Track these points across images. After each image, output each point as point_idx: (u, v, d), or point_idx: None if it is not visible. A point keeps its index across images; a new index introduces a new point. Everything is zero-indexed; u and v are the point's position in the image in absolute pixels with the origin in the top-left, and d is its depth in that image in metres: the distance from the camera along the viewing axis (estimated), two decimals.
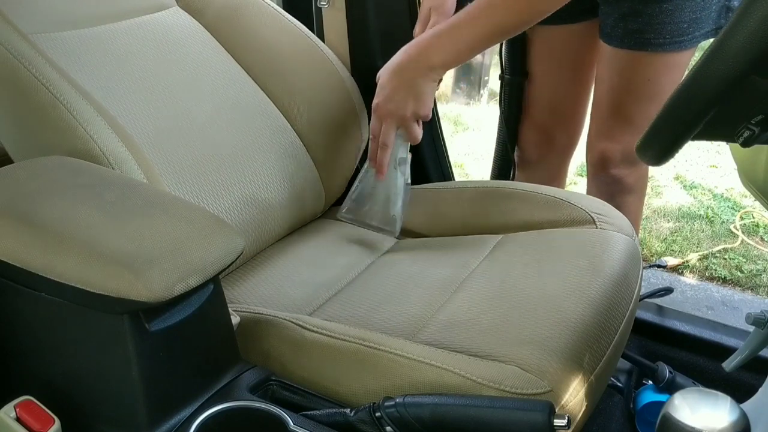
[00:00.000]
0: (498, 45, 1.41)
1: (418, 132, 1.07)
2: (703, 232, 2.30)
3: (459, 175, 2.63)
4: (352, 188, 1.14)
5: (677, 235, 2.26)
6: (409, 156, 1.11)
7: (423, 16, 1.15)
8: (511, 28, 1.02)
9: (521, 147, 1.51)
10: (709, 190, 2.59)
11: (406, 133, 1.08)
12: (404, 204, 1.11)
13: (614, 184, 1.35)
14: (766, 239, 2.26)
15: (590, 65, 1.39)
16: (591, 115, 1.36)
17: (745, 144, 0.63)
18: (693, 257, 2.14)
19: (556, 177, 1.53)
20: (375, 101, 1.06)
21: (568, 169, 1.58)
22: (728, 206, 2.46)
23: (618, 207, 1.25)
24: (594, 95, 1.34)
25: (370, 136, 1.10)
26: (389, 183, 1.10)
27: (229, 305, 0.80)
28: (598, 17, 1.28)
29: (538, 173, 1.50)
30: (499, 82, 1.46)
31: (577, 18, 1.32)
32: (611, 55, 1.25)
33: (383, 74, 1.06)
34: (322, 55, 1.22)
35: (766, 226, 2.31)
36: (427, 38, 1.03)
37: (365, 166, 1.13)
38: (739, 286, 2.03)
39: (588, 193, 1.43)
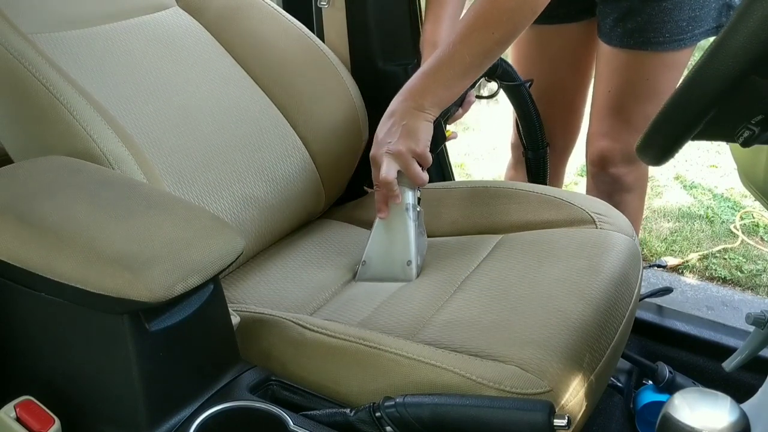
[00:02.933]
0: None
1: (419, 172, 1.00)
2: (703, 232, 2.30)
3: (459, 175, 2.63)
4: (365, 251, 1.05)
5: (677, 235, 2.26)
6: (420, 210, 1.05)
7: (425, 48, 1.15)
8: (491, 51, 0.98)
9: (517, 147, 1.51)
10: (709, 190, 2.59)
11: (408, 178, 1.01)
12: (419, 251, 1.03)
13: (614, 183, 1.35)
14: (766, 239, 2.26)
15: (588, 65, 1.39)
16: (590, 114, 1.36)
17: (745, 144, 0.63)
18: (693, 257, 2.14)
19: (554, 176, 1.53)
20: (372, 152, 1.01)
21: (565, 170, 1.58)
22: (728, 206, 2.46)
23: (618, 206, 1.25)
24: (593, 94, 1.34)
25: (375, 187, 1.03)
26: (400, 230, 1.03)
27: (229, 305, 0.80)
28: (595, 17, 1.28)
29: None
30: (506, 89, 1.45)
31: (575, 18, 1.32)
32: (610, 54, 1.25)
33: (379, 125, 1.02)
34: (322, 55, 1.22)
35: (766, 226, 2.31)
36: (414, 82, 1.00)
37: (374, 224, 1.05)
38: (739, 286, 2.03)
39: (588, 192, 1.43)
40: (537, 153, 1.33)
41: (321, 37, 1.32)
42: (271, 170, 1.11)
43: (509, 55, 1.43)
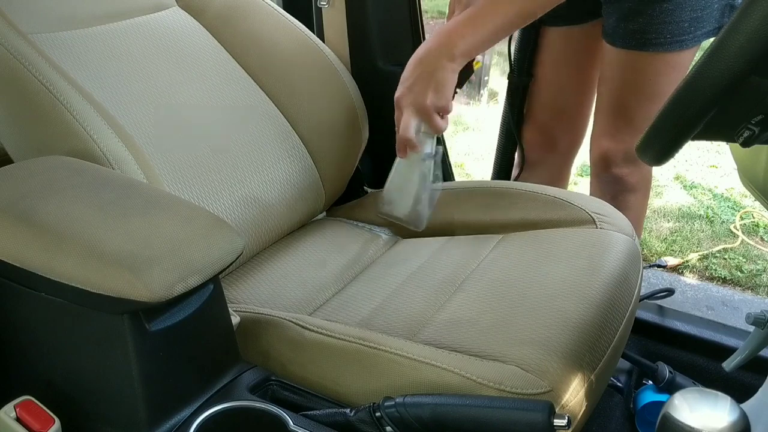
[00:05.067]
0: (507, 46, 1.41)
1: (440, 124, 1.03)
2: (703, 232, 2.30)
3: (459, 175, 2.63)
4: (386, 182, 1.11)
5: (677, 235, 2.26)
6: (440, 151, 1.09)
7: (451, 9, 1.14)
8: (533, 12, 1.00)
9: (524, 147, 1.51)
10: (709, 190, 2.59)
11: (428, 127, 1.04)
12: (430, 201, 1.08)
13: (616, 183, 1.35)
14: (766, 239, 2.26)
15: (594, 66, 1.39)
16: (594, 114, 1.36)
17: (745, 144, 0.63)
18: (693, 257, 2.14)
19: (559, 178, 1.53)
20: (396, 93, 1.04)
21: (570, 171, 1.58)
22: (728, 206, 2.46)
23: (620, 206, 1.25)
24: (597, 95, 1.34)
25: (396, 129, 1.06)
26: (414, 178, 1.07)
27: (229, 305, 0.80)
28: (598, 19, 1.28)
29: (540, 174, 1.50)
30: (507, 81, 1.46)
31: (582, 19, 1.32)
32: (613, 55, 1.25)
33: (407, 65, 1.03)
34: (322, 55, 1.22)
35: (766, 226, 2.31)
36: (450, 27, 1.01)
37: (395, 162, 1.10)
38: (739, 286, 2.03)
39: (591, 191, 1.43)
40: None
41: (321, 37, 1.32)
42: (271, 170, 1.11)
43: (512, 56, 1.43)
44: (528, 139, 1.49)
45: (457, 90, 1.04)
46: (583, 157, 1.54)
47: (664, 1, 1.15)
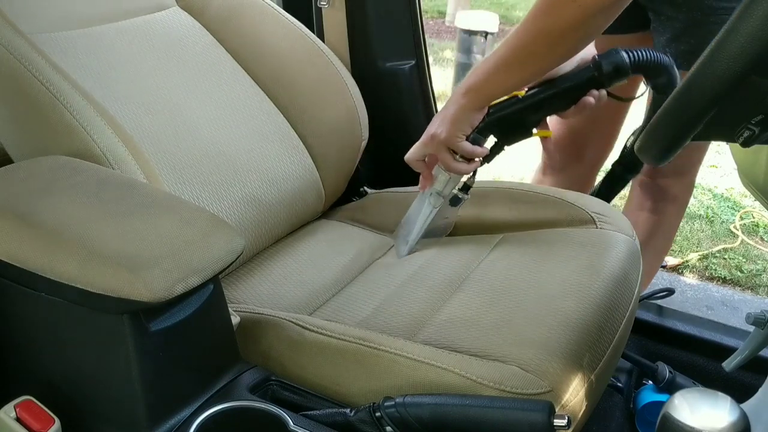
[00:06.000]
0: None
1: (446, 159, 0.99)
2: (703, 232, 2.30)
3: None
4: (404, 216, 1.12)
5: (677, 235, 2.26)
6: (456, 199, 1.05)
7: None
8: (542, 73, 0.95)
9: (549, 154, 1.50)
10: (709, 190, 2.59)
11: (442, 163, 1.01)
12: (423, 233, 1.08)
13: (659, 192, 1.37)
14: (766, 239, 2.26)
15: (633, 79, 1.38)
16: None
17: (745, 144, 0.63)
18: (693, 257, 2.14)
19: (583, 186, 1.51)
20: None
21: (594, 182, 1.57)
22: (728, 206, 2.46)
23: (658, 213, 1.25)
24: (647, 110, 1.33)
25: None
26: (417, 210, 1.08)
27: (229, 305, 0.80)
28: (646, 30, 1.27)
29: (564, 181, 1.49)
30: None
31: (626, 30, 1.30)
32: None
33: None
34: (322, 55, 1.22)
35: (766, 226, 2.31)
36: (471, 78, 0.96)
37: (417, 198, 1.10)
38: (739, 286, 2.03)
39: (630, 199, 1.44)
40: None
41: (321, 37, 1.32)
42: (271, 170, 1.11)
43: None
44: (554, 146, 1.47)
45: (486, 162, 1.02)
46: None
47: (716, 23, 1.15)
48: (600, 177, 1.24)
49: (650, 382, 1.21)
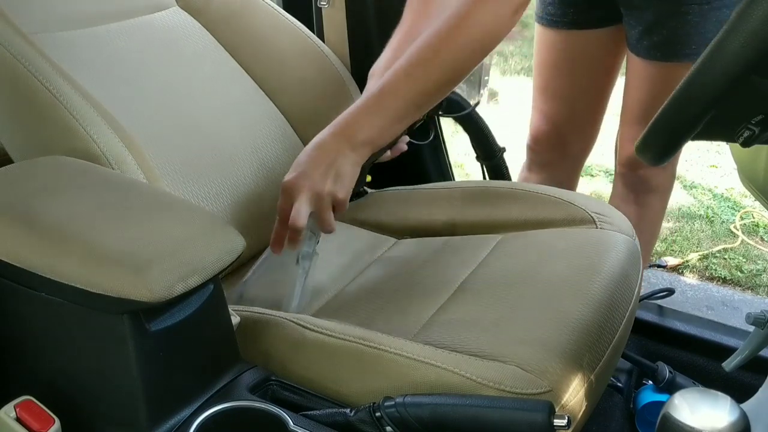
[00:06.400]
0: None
1: (331, 221, 0.91)
2: (703, 232, 2.30)
3: (459, 175, 2.63)
4: (247, 275, 0.99)
5: (677, 235, 2.26)
6: (317, 256, 0.95)
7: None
8: (435, 91, 0.91)
9: (534, 150, 1.50)
10: (709, 190, 2.59)
11: (316, 222, 0.92)
12: (301, 304, 0.95)
13: (641, 183, 1.37)
14: (766, 239, 2.26)
15: (610, 72, 1.39)
16: (620, 119, 1.37)
17: (745, 144, 0.63)
18: (693, 257, 2.14)
19: (568, 181, 1.53)
20: (286, 177, 0.90)
21: (579, 175, 1.58)
22: (728, 206, 2.46)
23: (641, 205, 1.25)
24: (623, 101, 1.35)
25: (277, 217, 0.93)
26: (286, 278, 0.95)
27: (229, 305, 0.80)
28: (618, 24, 1.28)
29: (549, 177, 1.50)
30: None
31: (598, 24, 1.32)
32: (639, 65, 1.25)
33: (302, 152, 0.91)
34: (322, 55, 1.22)
35: (766, 226, 2.31)
36: (350, 113, 0.91)
37: (265, 253, 0.98)
38: (739, 286, 2.03)
39: (614, 191, 1.44)
40: (493, 161, 1.36)
41: (321, 37, 1.32)
42: (271, 170, 1.11)
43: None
44: (539, 141, 1.48)
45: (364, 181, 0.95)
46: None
47: (687, 13, 1.15)
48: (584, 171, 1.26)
49: (650, 382, 1.21)
